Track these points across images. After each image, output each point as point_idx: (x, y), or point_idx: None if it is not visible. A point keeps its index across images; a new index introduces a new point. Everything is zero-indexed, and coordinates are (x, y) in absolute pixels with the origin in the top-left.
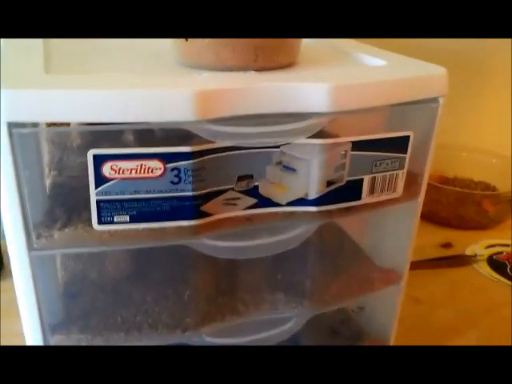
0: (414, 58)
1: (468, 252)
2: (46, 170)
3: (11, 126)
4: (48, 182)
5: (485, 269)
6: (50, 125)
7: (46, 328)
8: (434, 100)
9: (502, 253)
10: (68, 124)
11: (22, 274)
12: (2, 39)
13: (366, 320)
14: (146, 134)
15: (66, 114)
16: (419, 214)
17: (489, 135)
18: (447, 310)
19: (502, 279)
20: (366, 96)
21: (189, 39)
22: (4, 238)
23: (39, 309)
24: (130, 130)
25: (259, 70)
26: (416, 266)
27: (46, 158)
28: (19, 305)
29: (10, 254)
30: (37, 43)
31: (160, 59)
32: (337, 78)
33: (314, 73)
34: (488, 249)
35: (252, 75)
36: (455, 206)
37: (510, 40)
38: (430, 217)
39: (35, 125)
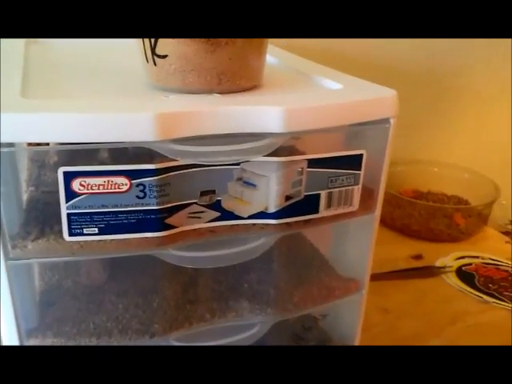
0: (386, 79)
1: (438, 264)
2: (24, 185)
3: None
4: (25, 196)
5: (453, 280)
6: (30, 144)
7: (22, 332)
8: (386, 121)
9: (471, 264)
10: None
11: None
12: None
13: (331, 327)
14: (118, 152)
15: (40, 135)
16: (377, 227)
17: (460, 151)
18: (413, 319)
19: (470, 290)
20: (317, 118)
21: (157, 65)
22: None
23: (16, 314)
24: (104, 149)
25: (223, 92)
26: (385, 276)
27: (24, 174)
28: None
29: None
30: (16, 68)
31: (132, 81)
32: (292, 101)
33: (272, 96)
34: (457, 260)
35: (216, 98)
36: (427, 219)
37: (479, 59)
38: (402, 230)
39: (11, 144)
